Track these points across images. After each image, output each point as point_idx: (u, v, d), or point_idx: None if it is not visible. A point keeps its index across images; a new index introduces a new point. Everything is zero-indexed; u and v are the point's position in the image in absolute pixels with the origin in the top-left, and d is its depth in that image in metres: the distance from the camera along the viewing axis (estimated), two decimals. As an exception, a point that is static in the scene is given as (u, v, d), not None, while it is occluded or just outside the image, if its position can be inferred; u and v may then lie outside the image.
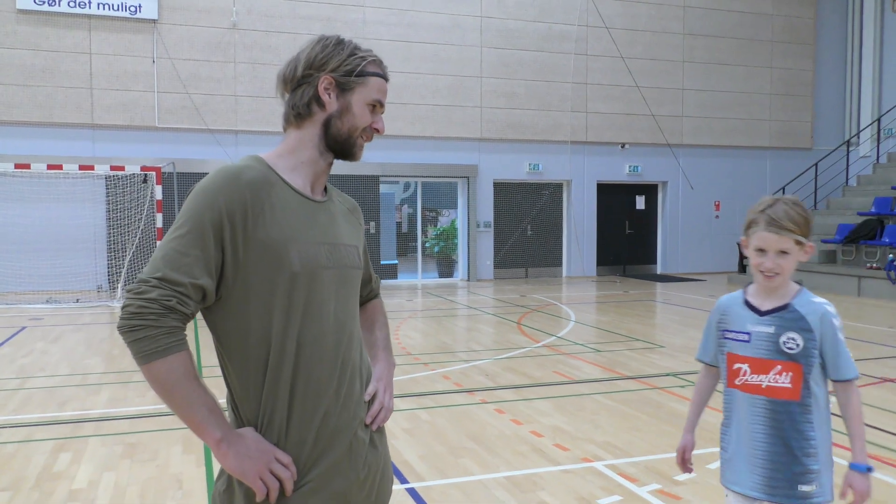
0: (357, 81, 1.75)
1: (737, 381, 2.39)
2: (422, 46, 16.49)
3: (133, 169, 12.40)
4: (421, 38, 16.46)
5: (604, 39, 17.58)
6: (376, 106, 1.80)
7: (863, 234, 14.93)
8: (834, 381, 2.34)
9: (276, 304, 1.61)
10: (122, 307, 1.55)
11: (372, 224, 16.17)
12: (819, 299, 2.36)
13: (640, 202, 18.76)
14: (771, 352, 2.32)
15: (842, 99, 19.98)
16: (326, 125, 1.75)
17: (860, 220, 15.50)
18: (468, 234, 17.08)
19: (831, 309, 2.33)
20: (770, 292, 2.37)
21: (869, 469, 2.28)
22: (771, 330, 2.33)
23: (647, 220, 18.91)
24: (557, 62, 17.37)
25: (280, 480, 1.59)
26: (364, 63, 1.76)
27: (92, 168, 12.39)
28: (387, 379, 1.87)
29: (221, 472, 1.68)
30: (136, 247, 13.39)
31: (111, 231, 14.30)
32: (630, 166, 18.20)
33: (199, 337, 8.66)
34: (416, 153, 16.57)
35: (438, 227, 18.30)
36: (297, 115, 1.76)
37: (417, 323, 10.85)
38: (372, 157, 16.19)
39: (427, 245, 18.07)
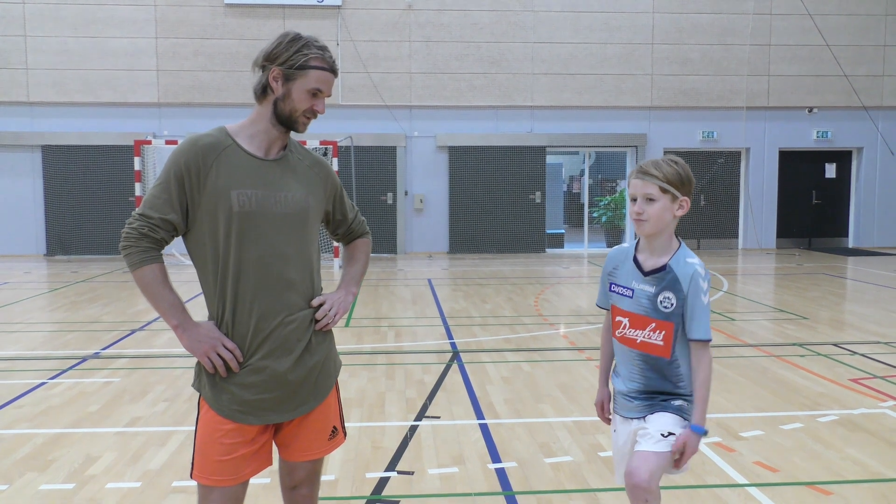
0: (298, 73, 2.25)
1: (617, 333, 2.56)
2: (591, 15, 16.47)
3: (313, 143, 13.75)
4: (590, 6, 16.44)
5: (790, -3, 16.49)
6: (317, 93, 2.29)
7: None
8: (688, 339, 2.45)
9: (220, 233, 2.21)
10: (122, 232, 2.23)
11: (538, 194, 16.55)
12: (693, 259, 2.46)
13: (830, 170, 17.46)
14: (648, 309, 2.47)
15: None
16: (275, 105, 2.29)
17: None
18: (636, 203, 16.90)
19: (701, 270, 2.43)
20: (650, 245, 2.49)
21: (705, 432, 2.44)
22: (651, 289, 2.47)
23: (839, 190, 17.56)
24: (735, 24, 16.57)
25: (224, 360, 2.20)
26: (305, 59, 2.25)
27: (281, 143, 13.85)
28: (334, 299, 2.40)
29: None
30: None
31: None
32: (818, 132, 16.98)
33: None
34: (584, 123, 16.64)
35: (607, 197, 18.25)
36: (256, 96, 2.31)
37: (562, 289, 11.18)
38: (539, 128, 16.55)
39: (595, 215, 18.13)
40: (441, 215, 16.56)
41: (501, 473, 3.99)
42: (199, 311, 2.22)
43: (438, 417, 4.94)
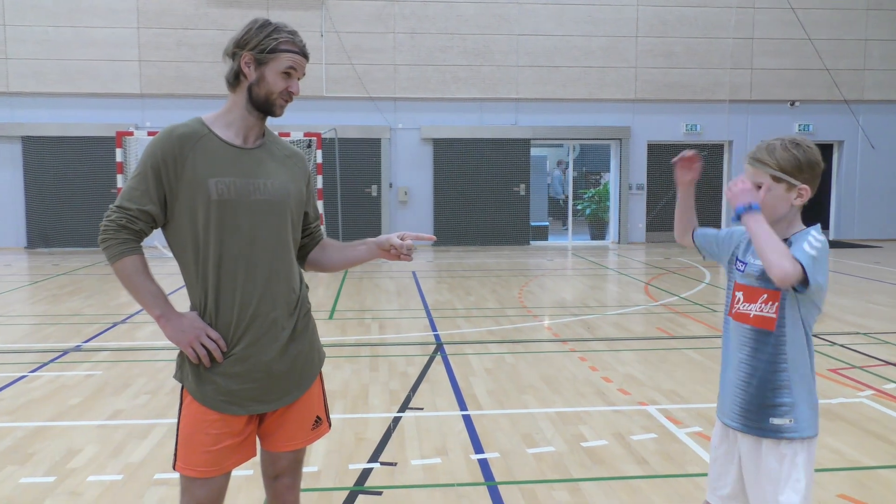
0: (270, 57, 2.25)
1: (732, 311, 2.42)
2: (575, 8, 16.48)
3: (297, 135, 13.68)
4: (574, -1, 16.46)
5: (772, -10, 16.59)
6: (290, 72, 2.29)
7: None
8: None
9: (200, 222, 2.20)
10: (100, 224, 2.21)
11: (522, 186, 16.57)
12: (815, 231, 2.28)
13: (812, 163, 17.57)
14: (759, 280, 2.31)
15: None
16: (249, 91, 2.28)
17: None
18: (619, 196, 17.00)
19: (815, 233, 2.27)
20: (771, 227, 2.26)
21: (747, 209, 2.22)
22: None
23: (820, 183, 17.62)
24: (719, 17, 16.65)
25: (208, 350, 2.19)
26: (276, 42, 2.25)
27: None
28: (376, 241, 2.50)
29: None
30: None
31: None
32: (800, 125, 17.12)
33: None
34: (568, 115, 16.68)
35: (591, 189, 18.30)
36: (229, 84, 2.30)
37: (545, 281, 11.23)
38: (523, 121, 16.56)
39: (579, 207, 18.18)
40: (426, 208, 16.55)
41: (484, 464, 4.01)
42: (180, 303, 2.20)
43: (422, 409, 4.95)
